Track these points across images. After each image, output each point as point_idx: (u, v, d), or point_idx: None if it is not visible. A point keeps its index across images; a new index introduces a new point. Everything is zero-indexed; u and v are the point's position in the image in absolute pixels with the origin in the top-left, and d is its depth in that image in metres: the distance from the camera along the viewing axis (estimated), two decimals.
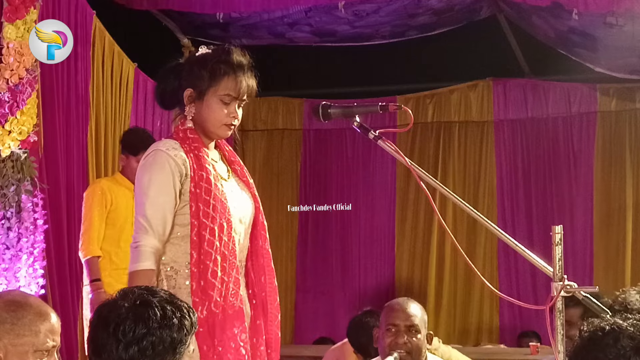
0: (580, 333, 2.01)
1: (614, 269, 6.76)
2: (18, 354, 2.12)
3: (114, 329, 2.02)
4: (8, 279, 4.49)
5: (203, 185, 2.74)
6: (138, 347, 2.01)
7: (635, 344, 1.94)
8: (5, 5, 4.56)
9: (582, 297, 2.33)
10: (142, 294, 2.09)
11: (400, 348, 3.46)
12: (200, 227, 2.70)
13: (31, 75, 4.62)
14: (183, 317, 2.07)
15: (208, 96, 2.80)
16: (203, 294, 2.67)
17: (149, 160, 2.79)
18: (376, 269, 7.34)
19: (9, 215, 4.54)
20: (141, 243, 2.71)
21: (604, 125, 6.93)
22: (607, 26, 5.33)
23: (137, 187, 2.80)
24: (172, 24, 6.24)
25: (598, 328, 1.98)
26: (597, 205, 6.86)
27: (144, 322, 2.02)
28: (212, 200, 2.73)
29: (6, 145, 4.54)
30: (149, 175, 2.75)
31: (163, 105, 2.95)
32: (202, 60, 2.84)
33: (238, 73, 2.82)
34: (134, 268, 2.70)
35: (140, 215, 2.74)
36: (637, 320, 1.99)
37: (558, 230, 2.33)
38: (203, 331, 2.62)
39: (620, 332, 1.95)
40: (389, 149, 2.59)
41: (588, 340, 1.97)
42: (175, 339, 2.04)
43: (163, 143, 2.83)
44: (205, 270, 2.69)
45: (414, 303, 3.63)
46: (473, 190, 7.16)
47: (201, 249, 2.70)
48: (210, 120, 2.82)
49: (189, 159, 2.76)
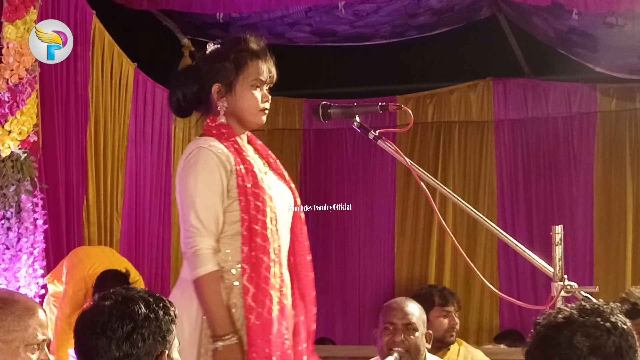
0: (534, 328, 1.87)
1: (615, 269, 6.75)
2: (9, 351, 2.13)
3: (102, 329, 2.01)
4: (8, 279, 4.49)
5: (250, 179, 2.68)
6: (130, 343, 2.01)
7: (591, 342, 1.77)
8: (5, 5, 4.56)
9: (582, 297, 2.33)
10: (120, 292, 2.09)
11: (398, 346, 3.47)
12: (252, 220, 2.64)
13: (31, 75, 4.62)
14: (166, 307, 2.08)
15: (238, 86, 2.77)
16: (257, 290, 2.60)
17: (193, 159, 2.70)
18: (376, 269, 7.34)
19: (8, 216, 4.54)
20: (199, 246, 2.62)
21: (604, 125, 6.92)
22: (607, 26, 5.33)
23: (182, 189, 2.70)
24: (172, 24, 6.23)
25: (551, 324, 1.82)
26: (597, 205, 6.86)
27: (129, 316, 2.02)
28: (260, 193, 2.67)
29: (6, 145, 4.54)
30: (195, 173, 2.67)
31: (181, 112, 2.89)
32: (221, 54, 2.80)
33: (261, 57, 2.80)
34: (198, 274, 2.61)
35: (190, 217, 2.65)
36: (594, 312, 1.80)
37: (558, 230, 2.34)
38: (257, 327, 2.57)
39: (574, 329, 1.78)
40: (389, 149, 2.60)
41: (541, 338, 1.82)
42: (163, 329, 2.05)
43: (203, 140, 2.74)
44: (259, 264, 2.62)
45: (412, 302, 3.64)
46: (473, 190, 7.15)
47: (252, 243, 2.63)
48: (246, 109, 2.78)
49: (232, 153, 2.70)
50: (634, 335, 1.82)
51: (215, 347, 2.59)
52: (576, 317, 1.81)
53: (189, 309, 2.67)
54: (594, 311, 1.82)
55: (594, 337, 1.78)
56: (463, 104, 7.22)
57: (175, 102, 2.88)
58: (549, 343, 1.80)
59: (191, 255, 2.62)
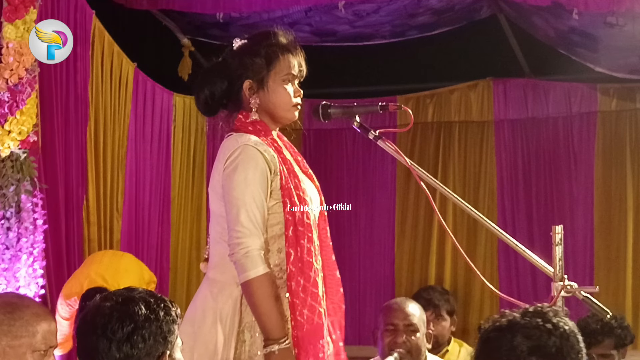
0: (479, 332, 1.88)
1: (615, 269, 6.74)
2: (16, 356, 2.13)
3: (102, 330, 2.01)
4: (8, 279, 4.49)
5: (293, 180, 2.63)
6: (130, 344, 2.01)
7: (531, 343, 1.77)
8: (5, 5, 4.56)
9: (582, 297, 2.33)
10: (122, 293, 2.08)
11: (400, 347, 3.47)
12: (297, 223, 2.58)
13: (31, 75, 4.62)
14: (167, 307, 2.07)
15: (270, 82, 2.71)
16: (306, 294, 2.54)
17: (239, 156, 2.62)
18: (376, 269, 7.33)
19: (8, 215, 4.54)
20: (250, 247, 2.53)
21: (604, 125, 6.91)
22: (607, 26, 5.32)
23: (230, 187, 2.60)
24: (172, 24, 6.23)
25: (493, 327, 1.84)
26: (598, 205, 6.85)
27: (130, 317, 2.02)
28: (303, 195, 2.62)
29: (6, 145, 4.54)
30: (244, 172, 2.59)
31: (209, 111, 2.80)
32: (251, 49, 2.74)
33: (292, 51, 2.76)
34: (249, 276, 2.52)
35: (241, 216, 2.56)
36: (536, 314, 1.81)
37: (558, 230, 2.34)
38: (309, 331, 2.52)
39: (515, 331, 1.79)
40: (389, 149, 2.60)
41: (484, 342, 1.83)
42: (164, 330, 2.04)
43: (247, 138, 2.66)
44: (307, 267, 2.55)
45: (412, 303, 3.65)
46: (473, 190, 7.14)
47: (298, 246, 2.56)
48: (280, 105, 2.73)
49: (276, 154, 2.65)
50: (577, 337, 1.81)
51: (270, 350, 2.53)
52: (518, 319, 1.82)
53: (222, 311, 2.61)
54: (536, 313, 1.83)
55: (534, 337, 1.78)
56: (463, 104, 7.21)
57: (203, 100, 2.79)
58: (492, 346, 1.81)
59: (242, 257, 2.54)
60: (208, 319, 2.62)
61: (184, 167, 6.59)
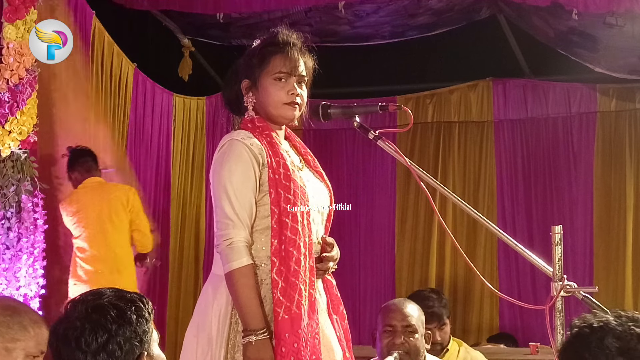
0: (570, 328, 1.95)
1: (614, 269, 6.75)
2: (10, 358, 2.15)
3: (76, 343, 1.96)
4: (8, 279, 4.50)
5: (281, 172, 2.64)
6: (106, 353, 1.96)
7: (620, 344, 1.85)
8: (5, 5, 4.57)
9: (581, 297, 2.34)
10: (89, 300, 2.03)
11: (398, 348, 3.46)
12: (282, 213, 2.60)
13: (31, 75, 4.63)
14: (138, 309, 2.03)
15: (262, 80, 2.74)
16: (286, 283, 2.56)
17: (225, 150, 2.67)
18: (376, 269, 7.34)
19: (9, 215, 4.54)
20: (234, 239, 2.57)
21: (604, 125, 6.92)
22: (607, 26, 5.33)
23: (215, 181, 2.66)
24: (172, 24, 6.24)
25: (586, 324, 1.90)
26: (597, 205, 6.85)
27: (102, 327, 1.97)
28: (292, 186, 2.63)
29: (6, 145, 4.54)
30: (228, 165, 2.63)
31: (235, 110, 2.86)
32: (253, 50, 2.79)
33: (287, 49, 2.77)
34: (232, 267, 2.56)
35: (225, 209, 2.60)
36: (629, 319, 1.89)
37: (558, 230, 2.34)
38: (286, 321, 2.54)
39: (607, 331, 1.86)
40: (389, 149, 2.60)
41: (575, 336, 1.90)
42: (138, 332, 2.00)
43: (236, 133, 2.71)
44: (288, 257, 2.58)
45: (411, 303, 3.64)
46: (473, 190, 7.15)
47: (282, 236, 2.59)
48: (270, 103, 2.74)
49: (264, 147, 2.67)
50: None
51: (247, 341, 2.55)
52: (611, 321, 1.89)
53: (219, 303, 2.66)
54: (630, 318, 1.90)
55: (624, 340, 1.85)
56: (463, 104, 7.22)
57: (227, 102, 2.87)
58: (582, 340, 1.87)
59: (225, 248, 2.58)
60: (207, 310, 2.68)
61: (184, 167, 6.60)
